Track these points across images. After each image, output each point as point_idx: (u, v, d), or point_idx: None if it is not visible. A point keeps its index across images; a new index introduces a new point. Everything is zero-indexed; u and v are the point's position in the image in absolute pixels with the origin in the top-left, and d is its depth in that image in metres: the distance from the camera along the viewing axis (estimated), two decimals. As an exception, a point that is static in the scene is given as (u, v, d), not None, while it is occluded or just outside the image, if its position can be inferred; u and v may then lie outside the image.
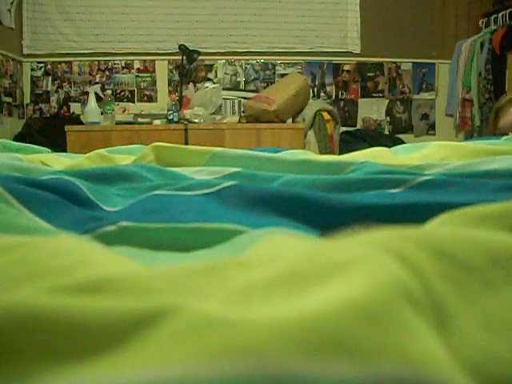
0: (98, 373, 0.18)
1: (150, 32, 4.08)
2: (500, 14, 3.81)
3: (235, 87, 4.11)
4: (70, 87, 4.10)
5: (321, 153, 3.27)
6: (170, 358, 0.18)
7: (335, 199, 0.54)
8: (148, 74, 4.14)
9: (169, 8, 4.08)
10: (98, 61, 4.11)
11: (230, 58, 4.11)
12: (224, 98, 3.89)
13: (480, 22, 4.09)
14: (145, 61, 4.11)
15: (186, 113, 3.40)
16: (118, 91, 4.10)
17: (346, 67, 4.25)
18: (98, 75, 4.13)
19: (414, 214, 0.50)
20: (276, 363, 0.17)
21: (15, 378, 0.19)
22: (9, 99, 3.74)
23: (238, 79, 4.13)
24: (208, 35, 4.07)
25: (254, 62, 4.14)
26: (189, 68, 3.99)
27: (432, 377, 0.18)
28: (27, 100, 4.04)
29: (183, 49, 3.73)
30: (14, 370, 0.19)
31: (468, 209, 0.38)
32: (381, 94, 4.28)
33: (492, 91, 3.69)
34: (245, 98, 3.93)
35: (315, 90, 4.20)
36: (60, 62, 4.09)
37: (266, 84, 4.10)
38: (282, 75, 4.12)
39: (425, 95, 4.27)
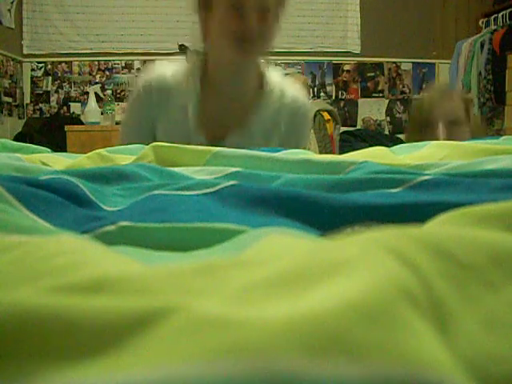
0: (99, 372, 0.18)
1: (150, 32, 4.08)
2: (500, 14, 3.81)
3: (235, 87, 4.11)
4: (70, 87, 4.10)
5: (321, 153, 3.27)
6: (170, 358, 0.18)
7: (335, 199, 0.54)
8: (148, 74, 4.14)
9: (169, 8, 4.08)
10: (98, 61, 4.11)
11: (230, 57, 4.10)
12: (224, 98, 3.88)
13: (480, 22, 4.09)
14: (145, 61, 4.11)
15: (186, 113, 3.40)
16: (118, 91, 4.10)
17: (346, 67, 4.25)
18: (98, 75, 4.13)
19: (414, 213, 0.50)
20: (276, 363, 0.17)
21: (15, 377, 0.19)
22: (9, 99, 3.75)
23: (238, 79, 4.13)
24: (208, 35, 4.07)
25: (254, 61, 4.14)
26: (189, 68, 3.99)
27: (432, 376, 0.18)
28: (27, 100, 4.05)
29: (183, 49, 3.73)
30: (14, 370, 0.19)
31: (468, 209, 0.38)
32: (381, 94, 4.28)
33: (492, 91, 3.69)
34: (245, 98, 3.93)
35: (315, 89, 4.20)
36: (60, 62, 4.09)
37: (265, 84, 4.10)
38: (282, 75, 4.12)
39: (425, 95, 4.27)
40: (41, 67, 4.08)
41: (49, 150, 1.27)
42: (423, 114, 1.62)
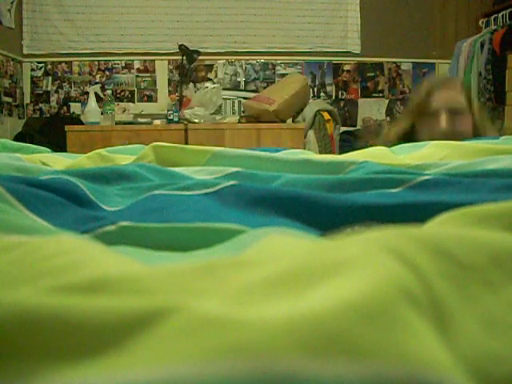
0: (99, 372, 0.18)
1: (150, 32, 4.08)
2: (500, 14, 3.81)
3: (235, 87, 4.11)
4: (70, 87, 4.10)
5: (321, 153, 3.27)
6: (169, 358, 0.18)
7: (335, 199, 0.54)
8: (148, 74, 4.14)
9: (169, 8, 4.08)
10: (98, 61, 4.10)
11: (230, 58, 4.10)
12: (224, 98, 3.88)
13: (480, 22, 4.09)
14: (145, 61, 4.11)
15: (186, 113, 3.40)
16: (118, 91, 4.10)
17: (346, 67, 4.25)
18: (98, 75, 4.13)
19: (414, 213, 0.50)
20: (276, 363, 0.17)
21: (15, 377, 0.19)
22: (9, 99, 3.74)
23: (238, 79, 4.13)
24: (208, 35, 4.07)
25: (254, 61, 4.14)
26: (189, 68, 3.99)
27: (432, 376, 0.18)
28: (27, 100, 4.04)
29: (183, 49, 3.73)
30: (14, 370, 0.19)
31: (468, 209, 0.38)
32: (381, 94, 4.28)
33: (492, 91, 3.68)
34: (245, 98, 3.93)
35: (315, 89, 4.20)
36: (60, 62, 4.09)
37: (266, 84, 4.10)
38: (282, 75, 4.12)
39: (425, 95, 4.26)
40: (41, 67, 4.08)
41: (49, 150, 1.27)
42: (423, 101, 1.57)
